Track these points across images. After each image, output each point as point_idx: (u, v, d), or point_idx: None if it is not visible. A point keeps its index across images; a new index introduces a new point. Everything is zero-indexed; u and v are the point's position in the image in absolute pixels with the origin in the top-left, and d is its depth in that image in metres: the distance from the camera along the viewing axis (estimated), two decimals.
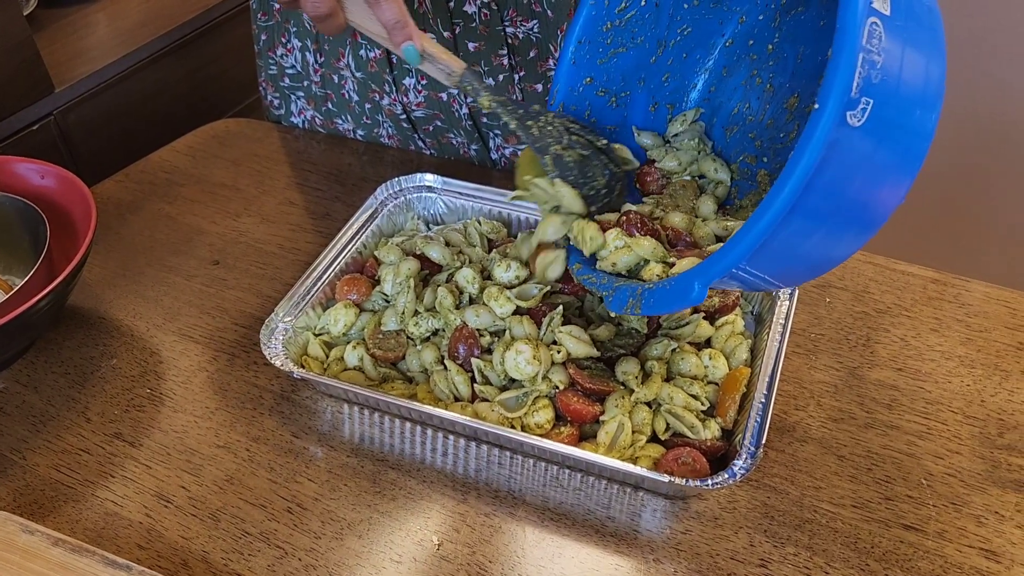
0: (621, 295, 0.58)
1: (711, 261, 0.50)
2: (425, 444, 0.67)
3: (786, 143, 0.65)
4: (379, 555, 0.60)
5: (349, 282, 0.75)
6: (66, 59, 1.39)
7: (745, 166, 0.69)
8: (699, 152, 0.71)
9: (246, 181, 0.97)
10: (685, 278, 0.53)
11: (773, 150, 0.67)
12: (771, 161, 0.67)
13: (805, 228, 0.47)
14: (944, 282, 0.80)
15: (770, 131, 0.67)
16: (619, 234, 0.63)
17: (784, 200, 0.44)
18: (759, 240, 0.46)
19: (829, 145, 0.43)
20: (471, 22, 0.83)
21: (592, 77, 0.67)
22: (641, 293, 0.56)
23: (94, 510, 0.63)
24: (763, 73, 0.68)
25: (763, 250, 0.47)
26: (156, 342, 0.77)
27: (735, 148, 0.70)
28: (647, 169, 0.71)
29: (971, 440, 0.66)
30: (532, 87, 0.88)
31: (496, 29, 0.83)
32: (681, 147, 0.71)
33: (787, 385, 0.71)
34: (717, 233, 0.65)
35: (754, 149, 0.68)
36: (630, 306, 0.57)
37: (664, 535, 0.60)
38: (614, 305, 0.59)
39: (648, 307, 0.56)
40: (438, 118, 0.94)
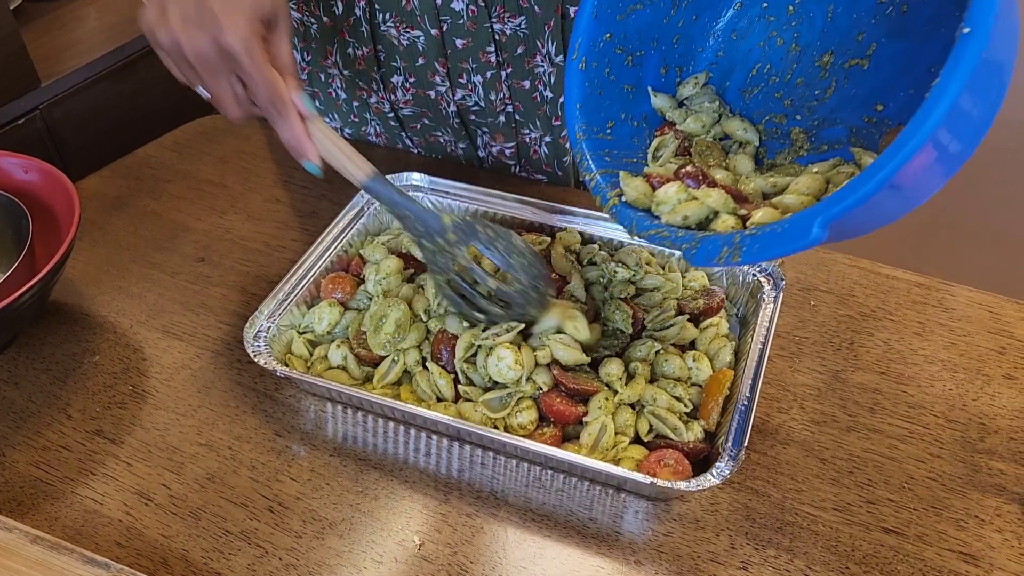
0: (710, 245, 0.55)
1: (839, 196, 0.48)
2: (408, 444, 0.67)
3: (823, 99, 0.65)
4: (360, 555, 0.59)
5: (334, 280, 0.75)
6: (53, 53, 1.39)
7: (772, 125, 0.68)
8: (719, 114, 0.70)
9: (232, 178, 0.96)
10: (803, 218, 0.50)
11: (807, 107, 0.66)
12: (806, 118, 0.66)
13: (939, 150, 0.47)
14: (928, 286, 0.80)
15: (801, 89, 0.67)
16: (681, 187, 0.61)
17: (935, 120, 0.44)
18: (904, 163, 0.45)
19: (974, 71, 0.43)
20: (458, 19, 0.83)
21: (611, 33, 0.65)
22: (740, 240, 0.54)
23: (74, 508, 0.63)
24: (785, 34, 0.67)
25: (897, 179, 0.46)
26: (139, 339, 0.76)
27: (758, 109, 0.69)
28: (661, 130, 0.70)
29: (952, 444, 0.67)
30: (519, 83, 0.87)
31: (484, 26, 0.83)
32: (700, 109, 0.70)
33: (770, 388, 0.71)
34: (764, 190, 0.63)
35: (782, 108, 0.68)
36: (724, 255, 0.54)
37: (646, 537, 0.60)
38: (699, 257, 0.56)
39: (751, 254, 0.53)
40: (425, 116, 0.93)
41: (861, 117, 0.62)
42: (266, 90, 0.62)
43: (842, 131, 0.63)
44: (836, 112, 0.64)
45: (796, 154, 0.66)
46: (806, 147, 0.65)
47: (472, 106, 0.90)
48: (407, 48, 0.87)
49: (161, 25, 0.62)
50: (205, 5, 0.60)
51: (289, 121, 0.64)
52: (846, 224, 0.50)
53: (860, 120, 0.62)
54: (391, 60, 0.89)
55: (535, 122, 0.91)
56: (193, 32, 0.61)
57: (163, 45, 0.63)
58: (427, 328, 0.70)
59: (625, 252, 0.76)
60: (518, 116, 0.91)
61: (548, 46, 0.85)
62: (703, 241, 0.56)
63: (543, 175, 0.96)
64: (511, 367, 0.64)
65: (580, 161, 0.64)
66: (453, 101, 0.90)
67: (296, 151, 0.65)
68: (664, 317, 0.70)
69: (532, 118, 0.90)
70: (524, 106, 0.90)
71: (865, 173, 0.47)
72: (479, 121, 0.92)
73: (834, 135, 0.64)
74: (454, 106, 0.91)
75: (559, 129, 0.91)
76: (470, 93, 0.89)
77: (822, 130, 0.65)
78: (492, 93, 0.88)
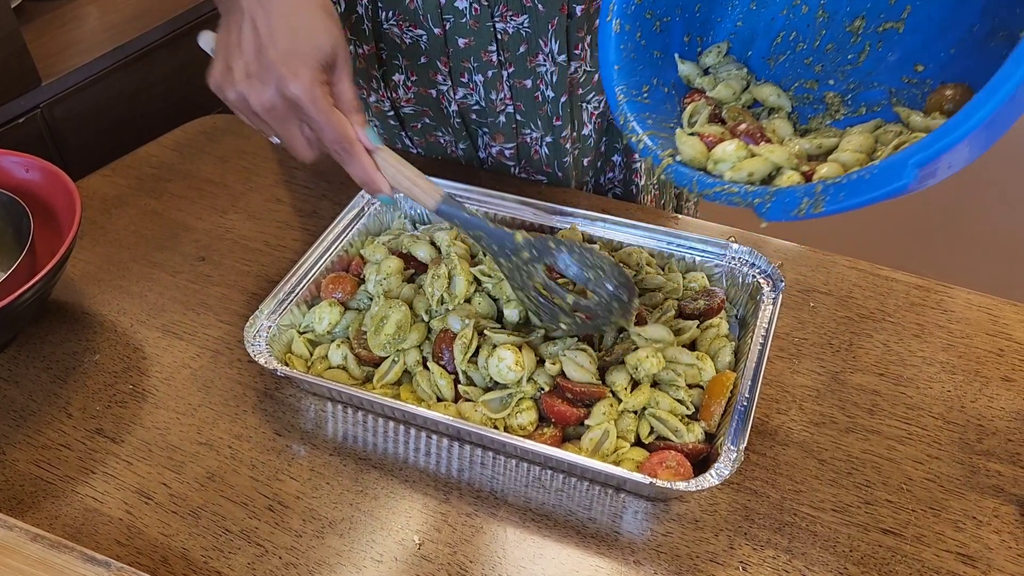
0: (787, 198, 0.54)
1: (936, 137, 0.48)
2: (408, 444, 0.67)
3: (856, 63, 0.65)
4: (360, 554, 0.60)
5: (334, 280, 0.75)
6: (54, 52, 1.39)
7: (803, 91, 0.68)
8: (747, 81, 0.70)
9: (233, 177, 0.96)
10: (897, 161, 0.50)
11: (840, 72, 0.66)
12: (840, 83, 0.66)
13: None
14: (927, 288, 0.80)
15: (832, 55, 0.66)
16: (740, 145, 0.60)
17: None
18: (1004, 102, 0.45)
19: None
20: (461, 17, 0.83)
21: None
22: (822, 190, 0.53)
23: (74, 506, 0.63)
24: (810, 1, 0.67)
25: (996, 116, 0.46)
26: (139, 338, 0.76)
27: (786, 75, 0.69)
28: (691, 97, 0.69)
29: (950, 445, 0.67)
30: (521, 83, 0.88)
31: (486, 25, 0.83)
32: (729, 76, 0.69)
33: (770, 389, 0.71)
34: (809, 152, 0.62)
35: (813, 74, 0.68)
36: (804, 206, 0.53)
37: (645, 537, 0.61)
38: (775, 210, 0.55)
39: (835, 202, 0.52)
40: (426, 115, 0.94)
41: (899, 78, 0.62)
42: (333, 134, 0.64)
43: (880, 93, 0.63)
44: (872, 75, 0.64)
45: (832, 118, 0.65)
46: (842, 111, 0.65)
47: (473, 105, 0.91)
48: (409, 46, 0.87)
49: (227, 82, 0.64)
50: (267, 58, 0.62)
51: (358, 159, 0.66)
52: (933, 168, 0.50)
53: (898, 81, 0.62)
54: (393, 58, 0.89)
55: (536, 122, 0.91)
56: (257, 87, 0.62)
57: (231, 102, 0.65)
58: (428, 328, 0.70)
59: (625, 253, 0.77)
60: (519, 116, 0.91)
61: (551, 45, 0.85)
62: (778, 194, 0.55)
63: (543, 176, 0.96)
64: (511, 368, 0.64)
65: (624, 123, 0.63)
66: (454, 100, 0.90)
67: (368, 186, 0.67)
68: (666, 318, 0.71)
69: (533, 118, 0.90)
70: (525, 106, 0.90)
71: (963, 113, 0.46)
72: (480, 121, 0.92)
73: (872, 97, 0.64)
74: (455, 105, 0.91)
75: (560, 129, 0.91)
76: (471, 92, 0.89)
77: (858, 93, 0.65)
78: (493, 92, 0.88)
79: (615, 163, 1.00)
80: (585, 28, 0.86)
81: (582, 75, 0.89)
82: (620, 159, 1.00)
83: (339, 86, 0.65)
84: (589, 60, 0.88)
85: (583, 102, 0.91)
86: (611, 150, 0.99)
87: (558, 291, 0.66)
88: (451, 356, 0.67)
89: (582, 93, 0.91)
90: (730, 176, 0.59)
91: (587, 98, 0.91)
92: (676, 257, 0.78)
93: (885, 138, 0.58)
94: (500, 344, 0.65)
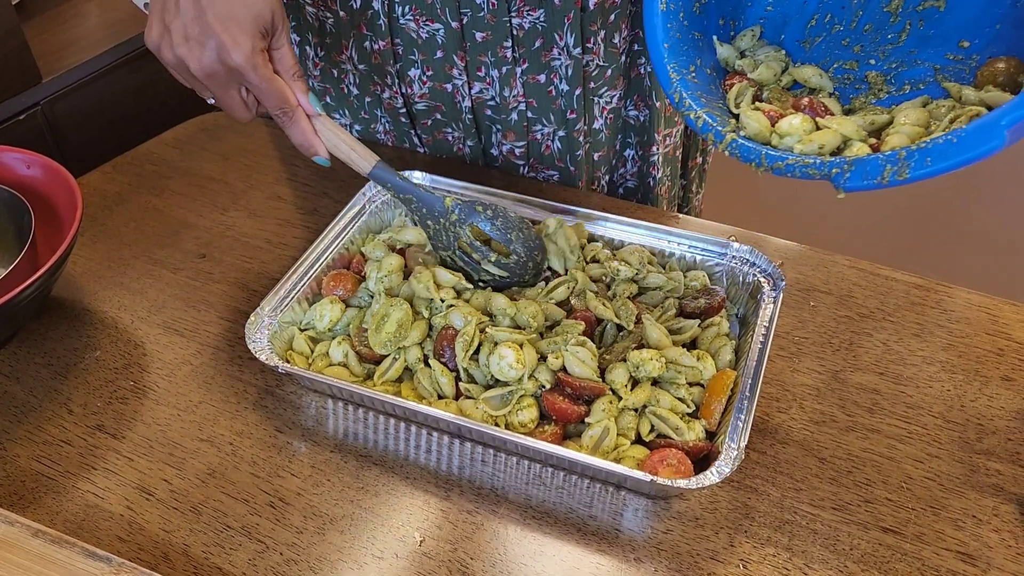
0: (868, 166, 0.54)
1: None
2: (409, 441, 0.67)
3: (897, 43, 0.66)
4: (361, 550, 0.60)
5: (335, 278, 0.75)
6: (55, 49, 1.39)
7: (842, 72, 0.68)
8: (785, 63, 0.70)
9: (234, 175, 0.96)
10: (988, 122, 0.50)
11: (881, 51, 0.67)
12: (882, 62, 0.67)
13: None
14: (927, 288, 0.81)
15: (871, 35, 0.67)
16: (806, 118, 0.60)
17: None
18: None
19: None
20: (479, 11, 0.83)
21: None
22: (907, 156, 0.53)
23: (75, 502, 0.63)
24: None
25: None
26: (140, 334, 0.76)
27: (823, 57, 0.70)
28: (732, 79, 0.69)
29: (950, 444, 0.67)
30: (534, 78, 0.88)
31: (503, 19, 0.83)
32: (768, 58, 0.69)
33: (770, 387, 0.71)
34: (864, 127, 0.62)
35: (852, 55, 0.68)
36: (888, 173, 0.53)
37: (645, 534, 0.61)
38: (855, 178, 0.55)
39: (921, 167, 0.52)
40: (439, 110, 0.93)
41: (944, 55, 0.63)
42: (274, 99, 0.66)
43: (925, 70, 0.64)
44: (915, 53, 0.65)
45: (875, 96, 0.66)
46: (886, 89, 0.66)
47: (488, 100, 0.91)
48: (426, 41, 0.87)
49: (165, 44, 0.64)
50: (205, 22, 0.62)
51: (298, 124, 0.68)
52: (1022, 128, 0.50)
53: (943, 58, 0.63)
54: (408, 53, 0.89)
55: (548, 116, 0.91)
56: (197, 51, 0.63)
57: (168, 63, 0.66)
58: (429, 324, 0.70)
59: (627, 251, 0.77)
60: (530, 113, 0.91)
61: (567, 38, 0.85)
62: (858, 163, 0.55)
63: (555, 171, 0.96)
64: (512, 365, 0.64)
65: (679, 101, 0.63)
66: (469, 96, 0.90)
67: (306, 150, 0.70)
68: (667, 317, 0.71)
69: (546, 112, 0.91)
70: (538, 102, 0.90)
71: None
72: (494, 117, 0.92)
73: (917, 74, 0.65)
74: (469, 100, 0.91)
75: (573, 122, 0.91)
76: (487, 87, 0.89)
77: (901, 72, 0.65)
78: (507, 89, 0.88)
79: (627, 158, 1.00)
80: (599, 22, 0.86)
81: (595, 69, 0.89)
82: (632, 153, 1.00)
83: (279, 51, 0.67)
84: (602, 55, 0.88)
85: (596, 96, 0.91)
86: (624, 145, 0.99)
87: (481, 250, 0.72)
88: (452, 353, 0.67)
89: (595, 87, 0.91)
90: (800, 149, 0.59)
91: (600, 92, 0.91)
92: (677, 256, 0.78)
93: (937, 112, 0.59)
94: (502, 342, 0.65)
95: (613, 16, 0.87)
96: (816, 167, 0.57)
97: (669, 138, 0.99)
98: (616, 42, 0.89)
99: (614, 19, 0.87)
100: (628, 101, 0.95)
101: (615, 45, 0.89)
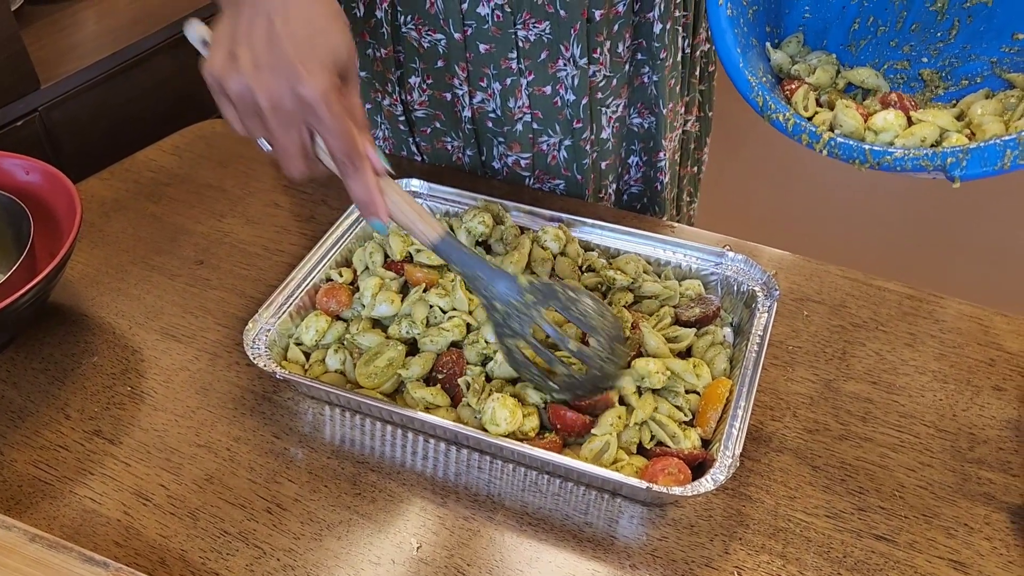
0: (987, 153, 0.54)
1: None
2: (406, 447, 0.67)
3: (948, 40, 0.66)
4: (358, 556, 0.60)
5: (329, 292, 0.75)
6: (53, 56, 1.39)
7: (894, 72, 0.69)
8: (836, 67, 0.70)
9: (232, 182, 0.97)
10: None
11: (933, 49, 0.67)
12: (934, 60, 0.67)
13: None
14: (919, 298, 0.81)
15: (919, 34, 0.68)
16: (898, 113, 0.61)
17: None
18: None
19: None
20: (483, 23, 0.83)
21: None
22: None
23: (72, 507, 0.63)
24: None
25: None
26: (138, 340, 0.77)
27: (872, 59, 0.70)
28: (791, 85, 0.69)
29: (942, 453, 0.68)
30: (540, 90, 0.88)
31: (508, 32, 0.83)
32: (820, 62, 0.69)
33: (764, 396, 0.72)
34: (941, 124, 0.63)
35: (901, 55, 0.69)
36: (1009, 158, 0.54)
37: (641, 541, 0.61)
38: (973, 166, 0.55)
39: None
40: (438, 119, 0.94)
41: (999, 48, 0.64)
42: (343, 142, 0.59)
43: (981, 64, 0.65)
44: (968, 49, 0.65)
45: (933, 94, 0.66)
46: (942, 86, 0.66)
47: (490, 112, 0.91)
48: (427, 50, 0.87)
49: (231, 72, 0.57)
50: (280, 50, 0.56)
51: (363, 175, 0.61)
52: None
53: (999, 51, 0.64)
54: (410, 62, 0.89)
55: (554, 127, 0.91)
56: (268, 79, 0.57)
57: (231, 92, 0.58)
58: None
59: (623, 260, 0.77)
60: (536, 124, 0.91)
61: (573, 49, 0.85)
62: (974, 151, 0.55)
63: (561, 179, 0.96)
64: (507, 420, 0.63)
65: (763, 105, 0.62)
66: (469, 105, 0.91)
67: (367, 207, 0.62)
68: (663, 326, 0.71)
69: (551, 123, 0.91)
70: (543, 113, 0.90)
71: None
72: (495, 130, 0.92)
73: (973, 69, 0.65)
74: (469, 110, 0.91)
75: (580, 131, 0.91)
76: (489, 98, 0.90)
77: (957, 67, 0.66)
78: (511, 100, 0.89)
79: (631, 165, 1.01)
80: (604, 33, 0.86)
81: (601, 79, 0.90)
82: (636, 160, 1.00)
83: (351, 99, 0.61)
84: (608, 65, 0.89)
85: (602, 106, 0.92)
86: (628, 152, 1.00)
87: (560, 338, 0.63)
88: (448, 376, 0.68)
89: (601, 97, 0.91)
90: (902, 143, 0.60)
91: (606, 102, 0.92)
92: (672, 265, 0.79)
93: (1008, 102, 0.60)
94: (498, 402, 0.63)
95: (617, 26, 0.87)
96: (928, 158, 0.56)
97: (670, 143, 1.00)
98: (620, 52, 0.89)
99: (617, 29, 0.87)
100: (632, 109, 0.96)
101: (619, 55, 0.89)
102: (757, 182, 1.89)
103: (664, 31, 0.89)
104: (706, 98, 1.06)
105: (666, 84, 0.92)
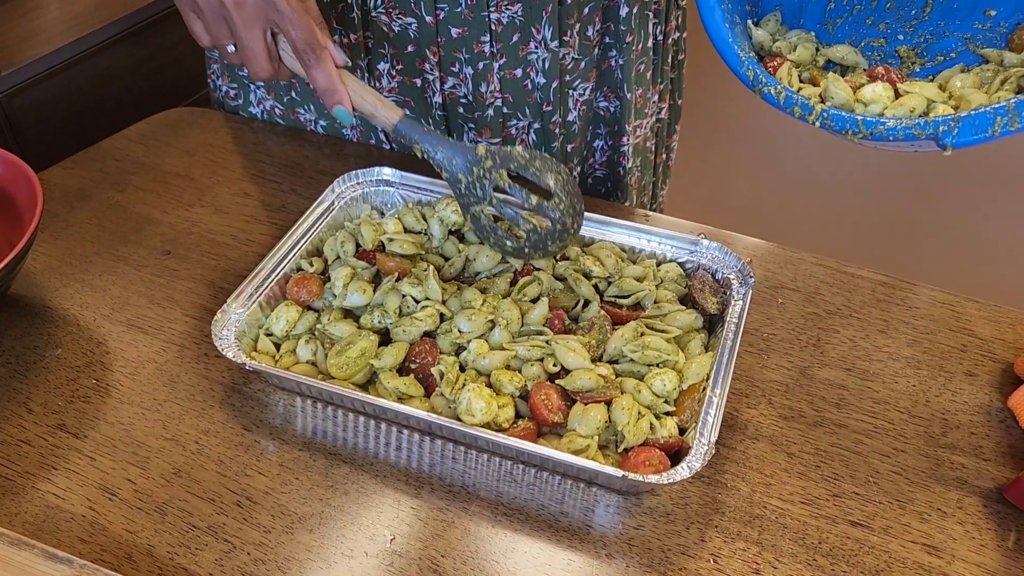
0: (977, 120, 0.55)
1: None
2: (379, 438, 0.66)
3: (922, 17, 0.68)
4: (330, 549, 0.59)
5: (299, 281, 0.73)
6: (14, 41, 1.35)
7: (871, 49, 0.70)
8: (815, 44, 0.71)
9: (199, 171, 0.95)
10: None
11: (908, 26, 0.69)
12: (910, 37, 0.69)
13: None
14: (892, 285, 0.82)
15: (894, 12, 0.69)
16: (886, 86, 0.61)
17: None
18: None
19: None
20: (456, 6, 0.83)
21: None
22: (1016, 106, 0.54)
23: (35, 503, 0.61)
24: None
25: None
26: (103, 332, 0.75)
27: (848, 37, 0.71)
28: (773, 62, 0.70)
29: (916, 439, 0.68)
30: (511, 73, 0.87)
31: (481, 15, 0.83)
32: (799, 39, 0.70)
33: (739, 383, 0.72)
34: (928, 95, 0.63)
35: (878, 32, 0.70)
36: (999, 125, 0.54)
37: (617, 530, 0.61)
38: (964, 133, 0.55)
39: None
40: (408, 106, 0.93)
41: (972, 24, 0.65)
42: (304, 33, 0.64)
43: (955, 41, 0.66)
44: (944, 25, 0.67)
45: (909, 70, 0.67)
46: (918, 62, 0.68)
47: (461, 97, 0.90)
48: (397, 35, 0.86)
49: None
50: None
51: (325, 64, 0.66)
52: None
53: (971, 28, 0.65)
54: (379, 47, 0.88)
55: (524, 110, 0.91)
56: None
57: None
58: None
59: (597, 247, 0.77)
60: (506, 108, 0.91)
61: (544, 32, 0.85)
62: (965, 119, 0.56)
63: None
64: (483, 410, 0.62)
65: (754, 79, 0.63)
66: (440, 91, 0.90)
67: (330, 96, 0.67)
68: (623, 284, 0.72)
69: (521, 106, 0.90)
70: (514, 96, 0.90)
71: None
72: (466, 116, 0.92)
73: (947, 45, 0.67)
74: (440, 96, 0.90)
75: (550, 115, 0.91)
76: (460, 83, 0.89)
77: (932, 44, 0.67)
78: (483, 85, 0.88)
79: (596, 148, 1.01)
80: (575, 15, 0.86)
81: (570, 62, 0.89)
82: (602, 143, 1.00)
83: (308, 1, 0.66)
84: (577, 48, 0.89)
85: (570, 89, 0.92)
86: (594, 136, 1.00)
87: (520, 194, 0.66)
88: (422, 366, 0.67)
89: (569, 80, 0.91)
90: (892, 113, 0.61)
91: (574, 84, 0.92)
92: (647, 252, 0.78)
93: (984, 76, 0.61)
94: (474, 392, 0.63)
95: (587, 9, 0.87)
96: (920, 127, 0.57)
97: (640, 129, 1.00)
98: (590, 35, 0.89)
99: (588, 12, 0.87)
100: (599, 93, 0.96)
101: (588, 38, 0.89)
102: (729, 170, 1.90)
103: (631, 15, 0.89)
104: (676, 86, 1.06)
105: (632, 69, 0.92)
